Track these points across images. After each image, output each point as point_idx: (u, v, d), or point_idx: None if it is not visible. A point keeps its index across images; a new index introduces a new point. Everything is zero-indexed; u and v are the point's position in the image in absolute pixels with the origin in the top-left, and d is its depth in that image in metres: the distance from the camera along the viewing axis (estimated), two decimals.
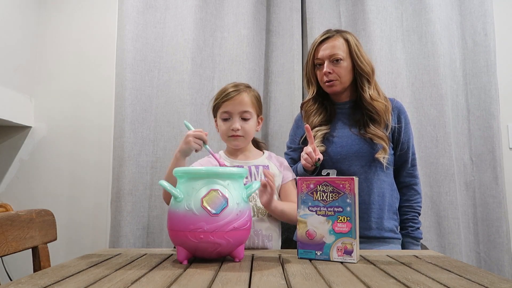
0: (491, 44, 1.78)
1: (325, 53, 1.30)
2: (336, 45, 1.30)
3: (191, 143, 1.09)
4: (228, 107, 1.20)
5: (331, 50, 1.29)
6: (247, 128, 1.21)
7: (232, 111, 1.20)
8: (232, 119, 1.20)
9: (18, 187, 1.86)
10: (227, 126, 1.20)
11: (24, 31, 1.83)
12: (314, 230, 0.89)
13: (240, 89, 1.21)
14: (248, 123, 1.21)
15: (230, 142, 1.23)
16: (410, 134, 1.36)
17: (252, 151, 1.28)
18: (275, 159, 1.28)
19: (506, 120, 1.84)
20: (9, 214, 0.95)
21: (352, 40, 1.31)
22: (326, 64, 1.30)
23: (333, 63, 1.29)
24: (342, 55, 1.29)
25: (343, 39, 1.31)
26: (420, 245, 1.34)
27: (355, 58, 1.30)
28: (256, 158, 1.26)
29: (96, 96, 1.89)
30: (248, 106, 1.20)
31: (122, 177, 1.67)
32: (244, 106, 1.19)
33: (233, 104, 1.19)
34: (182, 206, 0.83)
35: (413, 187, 1.36)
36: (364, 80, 1.30)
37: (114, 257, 0.92)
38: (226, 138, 1.23)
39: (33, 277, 0.70)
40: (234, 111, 1.19)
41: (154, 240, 1.71)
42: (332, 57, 1.29)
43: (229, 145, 1.25)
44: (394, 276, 0.72)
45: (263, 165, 1.22)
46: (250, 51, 1.80)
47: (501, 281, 0.68)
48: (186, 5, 1.79)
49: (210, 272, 0.75)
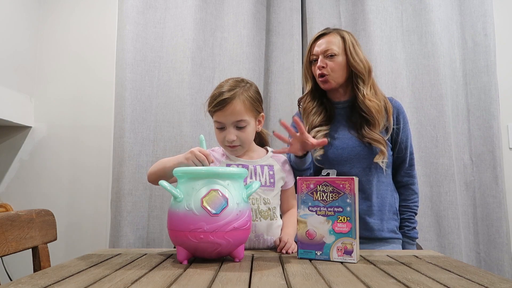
0: (491, 44, 1.78)
1: (320, 48, 1.30)
2: (331, 41, 1.30)
3: (189, 162, 0.99)
4: (220, 117, 1.10)
5: (325, 45, 1.30)
6: (244, 137, 1.11)
7: (225, 122, 1.10)
8: (227, 129, 1.10)
9: (18, 187, 1.86)
10: (222, 136, 1.12)
11: (24, 31, 1.83)
12: (314, 230, 0.89)
13: (232, 94, 1.08)
14: (244, 131, 1.11)
15: (228, 151, 1.15)
16: (408, 134, 1.36)
17: (256, 150, 1.22)
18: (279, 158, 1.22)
19: (506, 120, 1.84)
20: (9, 214, 0.95)
21: (349, 38, 1.31)
22: (320, 58, 1.30)
23: (327, 58, 1.29)
24: (337, 50, 1.29)
25: (339, 36, 1.32)
26: (416, 244, 1.34)
27: (348, 55, 1.29)
28: (260, 157, 1.20)
29: (96, 96, 1.89)
30: (242, 114, 1.09)
31: (122, 177, 1.67)
32: (237, 116, 1.08)
33: (225, 115, 1.08)
34: (182, 206, 0.83)
35: (411, 187, 1.36)
36: (359, 79, 1.30)
37: (114, 257, 0.92)
38: (223, 146, 1.16)
39: (33, 277, 0.70)
40: (227, 122, 1.09)
41: (154, 240, 1.71)
42: (326, 52, 1.29)
43: (228, 153, 1.17)
44: (394, 276, 0.72)
45: (267, 165, 1.17)
46: (250, 51, 1.80)
47: (501, 281, 0.68)
48: (186, 5, 1.79)
49: (210, 272, 0.75)
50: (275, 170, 1.17)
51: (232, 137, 1.09)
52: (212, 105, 1.10)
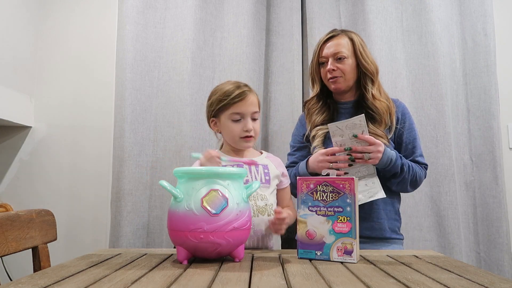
0: (491, 44, 1.78)
1: (330, 51, 1.31)
2: (341, 43, 1.30)
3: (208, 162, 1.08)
4: (241, 108, 1.15)
5: (335, 48, 1.30)
6: (257, 128, 1.19)
7: (245, 112, 1.15)
8: (244, 119, 1.16)
9: (18, 187, 1.86)
10: (240, 128, 1.16)
11: (24, 31, 1.83)
12: (314, 230, 0.89)
13: (249, 88, 1.19)
14: (257, 123, 1.19)
15: (241, 143, 1.19)
16: (415, 135, 1.34)
17: (251, 150, 1.26)
18: (274, 159, 1.26)
19: (506, 120, 1.84)
20: (9, 214, 0.95)
21: (357, 39, 1.32)
22: (330, 61, 1.30)
23: (337, 61, 1.30)
24: (347, 53, 1.30)
25: (348, 38, 1.32)
26: (393, 163, 1.24)
27: (359, 56, 1.30)
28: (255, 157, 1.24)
29: (96, 96, 1.89)
30: (257, 106, 1.19)
31: (122, 177, 1.67)
32: (255, 106, 1.17)
33: (246, 105, 1.15)
34: (182, 206, 0.83)
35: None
36: (368, 79, 1.31)
37: (114, 257, 0.92)
38: (237, 140, 1.18)
39: (33, 277, 0.70)
40: (247, 112, 1.16)
41: (154, 240, 1.71)
42: (336, 55, 1.30)
43: (240, 146, 1.20)
44: (394, 276, 0.72)
45: (262, 164, 1.21)
46: (250, 51, 1.80)
47: (501, 281, 0.68)
48: (186, 5, 1.79)
49: (210, 272, 0.75)
50: (270, 169, 1.20)
51: (251, 126, 1.15)
52: (231, 97, 1.15)
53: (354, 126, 1.19)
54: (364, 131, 1.19)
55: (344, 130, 1.20)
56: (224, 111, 1.17)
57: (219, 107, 1.18)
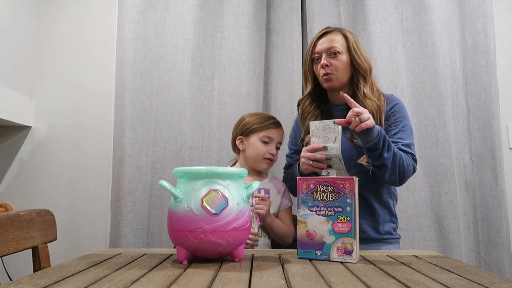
0: (491, 44, 1.78)
1: (323, 47, 1.29)
2: (335, 39, 1.29)
3: None
4: (273, 133, 1.35)
5: (329, 44, 1.28)
6: (277, 156, 1.38)
7: (274, 138, 1.36)
8: (271, 144, 1.35)
9: (18, 187, 1.86)
10: (266, 149, 1.34)
11: (24, 31, 1.83)
12: (314, 230, 0.89)
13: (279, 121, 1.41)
14: (277, 152, 1.39)
15: (262, 164, 1.35)
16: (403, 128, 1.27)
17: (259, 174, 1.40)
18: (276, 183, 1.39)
19: (506, 120, 1.84)
20: (9, 214, 0.95)
21: (351, 36, 1.31)
22: (323, 57, 1.28)
23: (330, 56, 1.28)
24: (340, 48, 1.28)
25: (341, 34, 1.31)
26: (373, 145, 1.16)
27: (352, 53, 1.28)
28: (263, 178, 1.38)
29: (96, 96, 1.89)
30: (283, 139, 1.40)
31: (122, 177, 1.67)
32: (282, 138, 1.39)
33: (278, 133, 1.37)
34: (182, 206, 0.83)
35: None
36: (360, 77, 1.29)
37: (114, 257, 0.92)
38: (260, 159, 1.34)
39: (33, 277, 0.70)
40: (276, 139, 1.36)
41: (154, 240, 1.71)
42: (330, 50, 1.28)
43: (259, 166, 1.36)
44: (394, 276, 0.72)
45: (264, 189, 1.32)
46: (250, 51, 1.80)
47: (501, 281, 0.68)
48: (186, 5, 1.79)
49: (210, 272, 0.75)
50: (271, 194, 1.33)
51: (275, 152, 1.36)
52: (269, 122, 1.37)
53: (329, 129, 1.16)
54: (337, 137, 1.13)
55: (320, 131, 1.17)
56: (257, 132, 1.34)
57: (254, 127, 1.35)
